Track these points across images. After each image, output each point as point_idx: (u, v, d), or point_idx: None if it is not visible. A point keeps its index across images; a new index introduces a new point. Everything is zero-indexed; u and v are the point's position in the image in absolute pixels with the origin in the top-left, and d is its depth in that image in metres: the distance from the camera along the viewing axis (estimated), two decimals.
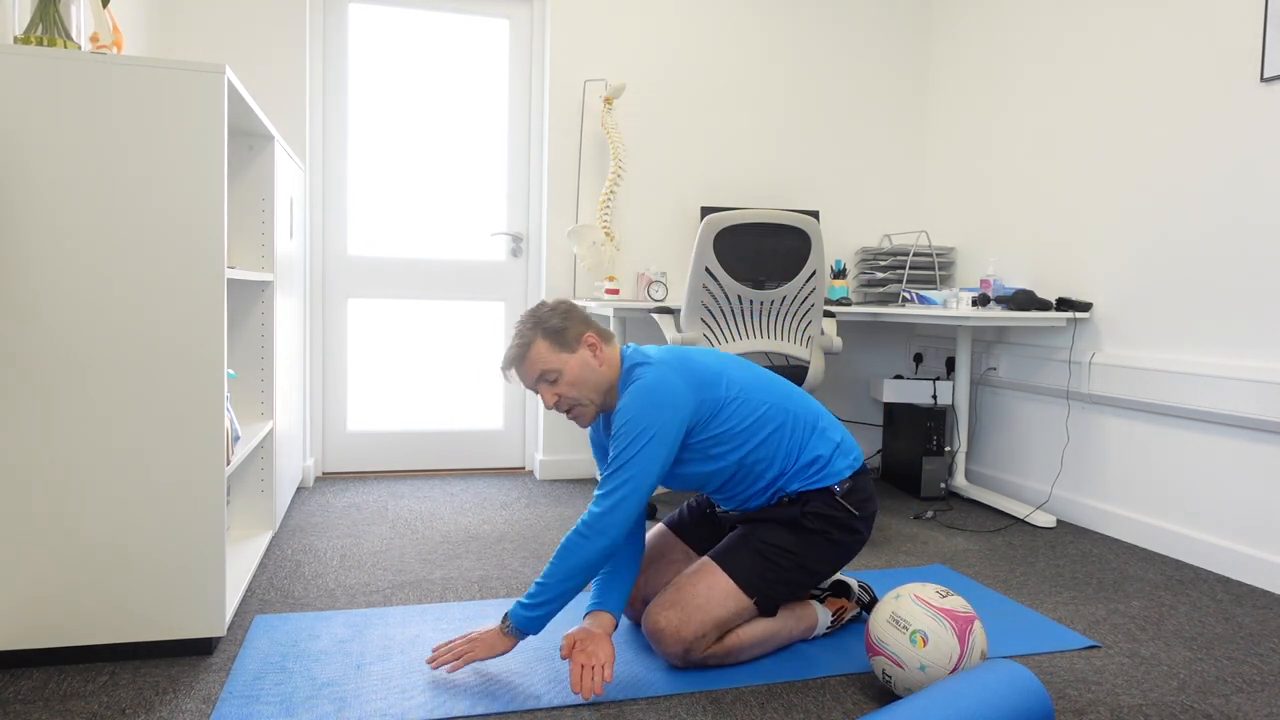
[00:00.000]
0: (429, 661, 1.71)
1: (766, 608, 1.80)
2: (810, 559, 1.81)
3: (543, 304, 1.82)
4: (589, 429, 1.97)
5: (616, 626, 1.75)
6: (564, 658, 1.66)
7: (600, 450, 1.97)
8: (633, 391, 1.72)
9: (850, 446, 1.90)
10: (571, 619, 2.05)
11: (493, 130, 3.66)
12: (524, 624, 1.67)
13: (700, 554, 2.01)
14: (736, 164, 3.78)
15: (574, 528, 1.67)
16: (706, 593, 1.74)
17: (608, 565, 1.80)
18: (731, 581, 1.76)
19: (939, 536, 2.85)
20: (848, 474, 1.85)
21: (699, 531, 2.02)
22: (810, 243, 2.69)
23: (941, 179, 3.88)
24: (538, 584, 1.67)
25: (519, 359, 1.77)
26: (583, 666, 1.61)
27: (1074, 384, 3.04)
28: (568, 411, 1.81)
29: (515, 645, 1.72)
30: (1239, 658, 1.91)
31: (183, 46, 3.18)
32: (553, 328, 1.77)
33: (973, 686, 1.42)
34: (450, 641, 1.73)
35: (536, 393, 1.80)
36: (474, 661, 1.70)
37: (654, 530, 2.06)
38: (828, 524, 1.81)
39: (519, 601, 1.69)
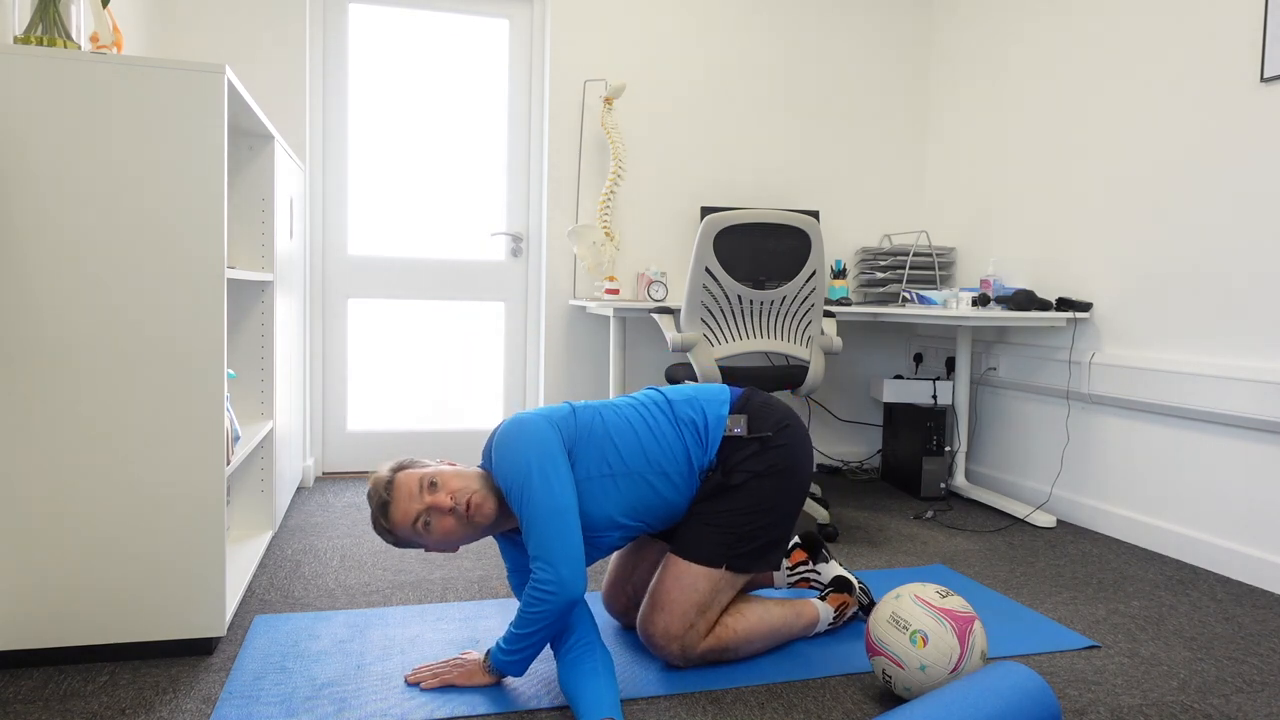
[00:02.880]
0: (407, 677, 1.71)
1: (740, 565, 1.77)
2: (760, 502, 1.77)
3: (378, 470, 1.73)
4: (506, 562, 1.86)
5: None
6: None
7: (517, 567, 1.83)
8: (497, 448, 1.67)
9: (709, 394, 1.86)
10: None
11: (493, 130, 3.66)
12: (504, 667, 1.66)
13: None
14: (736, 164, 3.78)
15: (528, 586, 1.59)
16: (676, 583, 1.75)
17: (584, 666, 1.59)
18: (694, 564, 1.75)
19: (939, 536, 2.85)
20: (727, 409, 1.83)
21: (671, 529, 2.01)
22: (810, 243, 2.68)
23: (941, 179, 3.88)
24: (512, 632, 1.62)
25: (390, 497, 1.65)
26: None
27: (1074, 384, 3.04)
28: (466, 507, 1.64)
29: (497, 682, 1.70)
30: (1239, 658, 1.91)
31: (183, 46, 3.18)
32: (403, 464, 1.72)
33: (984, 692, 1.41)
34: (433, 664, 1.74)
35: (426, 523, 1.65)
36: (449, 685, 1.68)
37: None
38: (752, 462, 1.78)
39: (498, 643, 1.66)
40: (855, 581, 2.04)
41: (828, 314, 2.98)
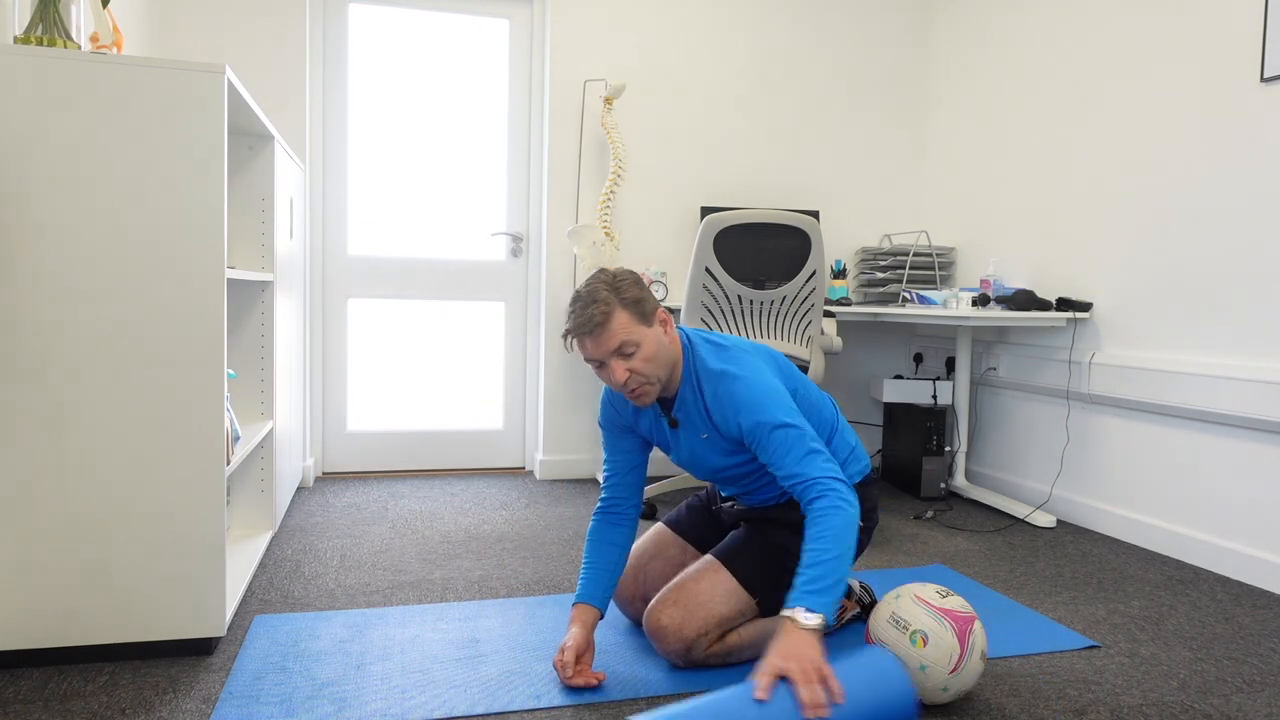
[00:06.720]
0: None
1: (768, 607, 1.80)
2: None
3: (607, 271, 1.66)
4: (602, 411, 1.87)
5: (602, 617, 1.77)
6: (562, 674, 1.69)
7: (617, 430, 1.83)
8: (736, 393, 1.64)
9: (862, 454, 1.89)
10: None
11: (493, 130, 3.66)
12: (828, 609, 1.45)
13: (699, 551, 2.01)
14: (736, 164, 3.78)
15: (826, 503, 1.52)
16: (709, 590, 1.74)
17: (595, 552, 1.81)
18: (735, 580, 1.75)
19: (939, 536, 2.85)
20: (858, 479, 1.86)
21: (698, 529, 2.01)
22: (810, 243, 2.69)
23: (941, 179, 3.88)
24: (811, 564, 1.47)
25: (599, 327, 1.59)
26: (571, 677, 1.67)
27: (1074, 384, 3.04)
28: (633, 391, 1.64)
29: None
30: (1239, 658, 1.91)
31: (183, 46, 3.18)
32: (633, 298, 1.63)
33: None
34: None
35: (599, 365, 1.64)
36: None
37: (652, 529, 2.05)
38: None
39: (806, 593, 1.45)
40: (856, 583, 2.04)
41: (828, 314, 2.99)
